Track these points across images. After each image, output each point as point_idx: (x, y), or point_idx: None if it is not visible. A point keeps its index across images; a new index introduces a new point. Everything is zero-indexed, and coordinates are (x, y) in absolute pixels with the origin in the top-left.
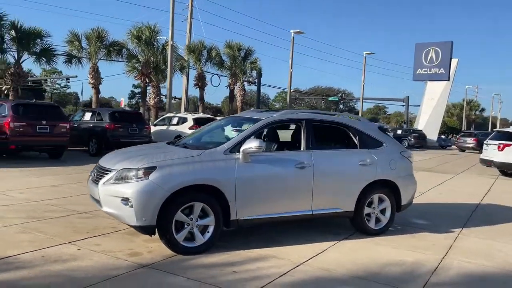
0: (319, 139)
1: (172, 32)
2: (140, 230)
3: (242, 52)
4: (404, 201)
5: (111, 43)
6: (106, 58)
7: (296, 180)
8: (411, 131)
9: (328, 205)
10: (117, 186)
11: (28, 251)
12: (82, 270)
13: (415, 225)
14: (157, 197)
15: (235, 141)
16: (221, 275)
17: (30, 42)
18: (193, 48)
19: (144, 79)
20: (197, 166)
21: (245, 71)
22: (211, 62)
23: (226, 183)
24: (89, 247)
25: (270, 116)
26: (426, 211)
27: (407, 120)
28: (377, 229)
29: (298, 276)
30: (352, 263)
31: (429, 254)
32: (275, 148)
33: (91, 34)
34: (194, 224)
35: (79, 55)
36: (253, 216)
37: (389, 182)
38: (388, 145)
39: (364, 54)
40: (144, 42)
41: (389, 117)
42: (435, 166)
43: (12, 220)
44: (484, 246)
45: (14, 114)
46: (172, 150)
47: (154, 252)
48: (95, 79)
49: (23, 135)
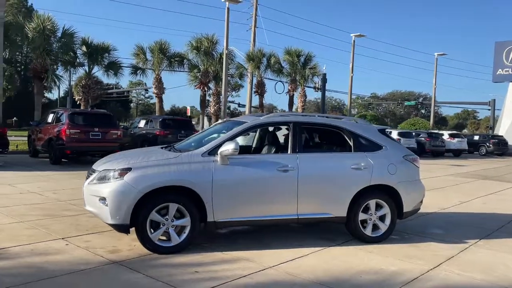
0: (309, 142)
1: (227, 42)
2: (115, 228)
3: (302, 58)
4: (406, 208)
5: (172, 54)
6: (168, 69)
7: (278, 183)
8: (489, 137)
9: (317, 210)
10: (97, 186)
11: (21, 244)
12: (56, 263)
13: (427, 234)
14: (130, 197)
15: (214, 143)
16: (180, 275)
17: (98, 56)
18: (252, 56)
19: (203, 87)
20: (172, 168)
21: (306, 77)
22: (271, 69)
23: (202, 185)
24: (78, 243)
25: (256, 119)
26: (451, 221)
27: (492, 125)
28: (375, 237)
29: (256, 279)
30: (325, 270)
31: (419, 264)
32: (266, 151)
33: (155, 47)
34: (169, 225)
35: (144, 66)
36: (231, 218)
37: (388, 188)
38: (388, 149)
39: (436, 55)
40: (203, 53)
41: (479, 122)
42: (504, 175)
43: (30, 216)
44: (490, 259)
45: (70, 122)
46: (156, 153)
47: (133, 250)
48: (158, 89)
49: (77, 141)
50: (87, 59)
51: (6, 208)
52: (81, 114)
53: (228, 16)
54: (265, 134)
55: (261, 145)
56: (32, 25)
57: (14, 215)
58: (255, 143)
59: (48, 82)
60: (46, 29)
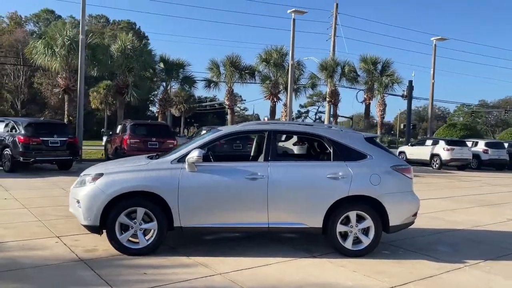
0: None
1: (293, 52)
2: (88, 229)
3: (379, 66)
4: (394, 222)
5: (243, 67)
6: (240, 81)
7: (246, 191)
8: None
9: (289, 219)
10: (76, 189)
11: (18, 240)
12: (32, 258)
13: (427, 251)
14: (100, 200)
15: (183, 151)
16: (128, 275)
17: (173, 71)
18: (325, 65)
19: (273, 98)
20: (141, 174)
21: (385, 85)
22: (346, 77)
23: (168, 191)
24: (67, 242)
25: (232, 127)
26: (471, 238)
27: None
28: (356, 250)
29: (194, 284)
30: (277, 280)
31: (382, 281)
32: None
33: (226, 61)
34: (137, 228)
35: (217, 80)
36: (198, 224)
37: (371, 199)
38: (373, 158)
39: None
40: (272, 64)
41: None
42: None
43: (49, 216)
44: (475, 282)
45: (131, 133)
46: (134, 160)
47: (108, 251)
48: (230, 101)
49: (137, 150)
50: (165, 74)
51: (38, 209)
52: (141, 126)
53: (294, 27)
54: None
55: (258, 153)
56: (115, 45)
57: (38, 214)
58: (252, 151)
59: (128, 96)
60: (127, 48)
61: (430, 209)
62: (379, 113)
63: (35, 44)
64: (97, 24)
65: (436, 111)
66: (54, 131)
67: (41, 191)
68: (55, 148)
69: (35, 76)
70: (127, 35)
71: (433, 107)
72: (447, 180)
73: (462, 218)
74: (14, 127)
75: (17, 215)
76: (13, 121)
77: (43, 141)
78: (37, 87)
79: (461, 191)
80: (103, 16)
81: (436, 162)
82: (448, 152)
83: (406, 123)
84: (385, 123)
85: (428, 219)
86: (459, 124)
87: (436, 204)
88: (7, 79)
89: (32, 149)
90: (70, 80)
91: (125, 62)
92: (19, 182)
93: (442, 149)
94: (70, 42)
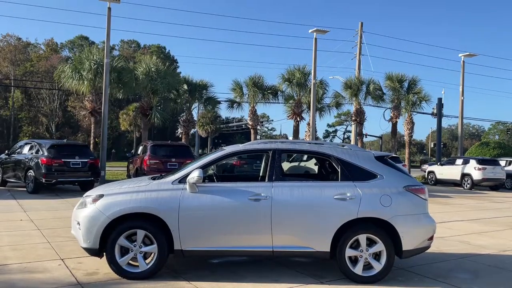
0: (290, 170)
1: (315, 72)
2: (88, 252)
3: (405, 84)
4: (407, 246)
5: (265, 87)
6: (263, 101)
7: (249, 213)
8: None
9: (294, 243)
10: (78, 211)
11: (21, 262)
12: (30, 281)
13: (446, 278)
14: (99, 222)
15: (184, 172)
16: None
17: (196, 92)
18: (350, 84)
19: (296, 118)
20: (140, 195)
21: (413, 103)
22: (371, 96)
23: (168, 213)
24: (69, 264)
25: (235, 147)
26: (496, 265)
27: None
28: (366, 277)
29: None
30: None
31: None
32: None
33: (249, 82)
34: (137, 251)
35: (240, 100)
36: (199, 247)
37: (382, 221)
38: (384, 178)
39: None
40: (295, 84)
41: None
42: None
43: (58, 238)
44: None
45: (151, 154)
46: (135, 181)
47: (108, 274)
48: (253, 121)
49: (157, 170)
50: (188, 96)
51: (49, 230)
52: (161, 146)
53: (316, 46)
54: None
55: (242, 172)
56: (140, 69)
57: (48, 235)
58: (261, 171)
59: (152, 118)
60: (151, 71)
61: (455, 232)
62: (407, 132)
63: (63, 68)
64: (128, 49)
65: (470, 129)
66: (76, 153)
67: (57, 212)
68: (77, 169)
69: (69, 100)
70: (151, 58)
71: (463, 125)
72: (477, 201)
73: (489, 241)
74: (38, 150)
75: (28, 237)
76: (38, 143)
77: (65, 162)
78: (70, 111)
79: (491, 213)
80: (134, 41)
81: (467, 182)
82: (479, 172)
83: (437, 142)
84: (417, 142)
85: (452, 242)
86: (492, 143)
87: (463, 227)
88: (42, 103)
89: (54, 171)
90: (96, 103)
91: (150, 84)
92: (39, 203)
93: (473, 168)
94: (97, 66)
